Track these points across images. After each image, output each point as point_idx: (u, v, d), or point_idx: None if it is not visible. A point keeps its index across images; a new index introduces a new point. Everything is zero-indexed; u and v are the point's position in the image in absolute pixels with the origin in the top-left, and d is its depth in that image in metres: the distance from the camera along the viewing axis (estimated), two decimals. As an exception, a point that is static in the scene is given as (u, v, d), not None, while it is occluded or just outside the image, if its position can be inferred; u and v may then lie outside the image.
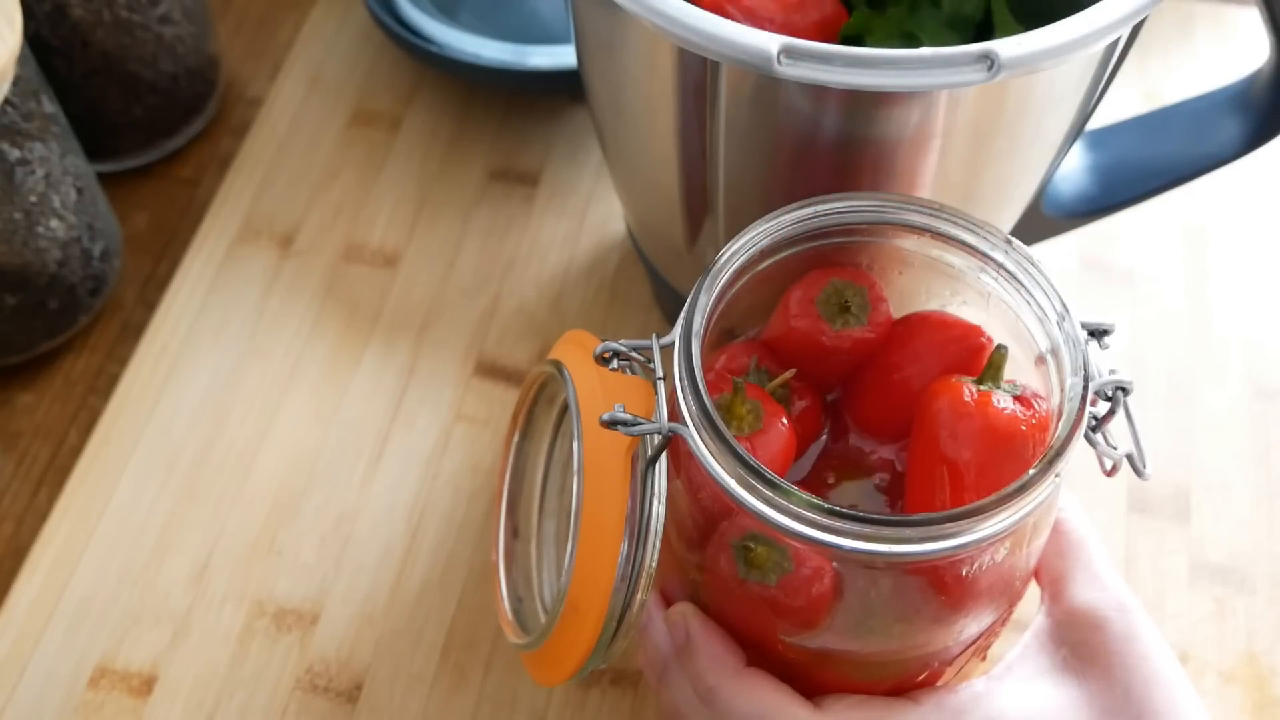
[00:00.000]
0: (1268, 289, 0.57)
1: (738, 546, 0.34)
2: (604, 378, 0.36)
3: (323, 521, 0.51)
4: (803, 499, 0.31)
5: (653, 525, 0.34)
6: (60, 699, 0.47)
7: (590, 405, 0.35)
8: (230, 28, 0.67)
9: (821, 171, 0.39)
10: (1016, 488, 0.31)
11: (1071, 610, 0.36)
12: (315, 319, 0.56)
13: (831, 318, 0.37)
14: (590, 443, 0.35)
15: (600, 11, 0.38)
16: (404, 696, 0.47)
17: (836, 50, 0.33)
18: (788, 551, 0.33)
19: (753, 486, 0.31)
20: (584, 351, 0.38)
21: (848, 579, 0.34)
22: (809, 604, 0.34)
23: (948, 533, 0.31)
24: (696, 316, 0.34)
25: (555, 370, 0.38)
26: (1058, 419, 0.33)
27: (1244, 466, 0.52)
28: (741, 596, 0.34)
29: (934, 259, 0.37)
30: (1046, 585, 0.38)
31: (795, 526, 0.31)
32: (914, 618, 0.34)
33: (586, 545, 0.34)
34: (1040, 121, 0.39)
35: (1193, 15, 0.66)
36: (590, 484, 0.35)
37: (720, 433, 0.32)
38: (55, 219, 0.51)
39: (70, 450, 0.53)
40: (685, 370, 0.33)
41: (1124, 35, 0.35)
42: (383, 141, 0.62)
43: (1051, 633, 0.37)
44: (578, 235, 0.59)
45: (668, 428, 0.33)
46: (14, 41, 0.46)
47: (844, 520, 0.30)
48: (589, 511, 0.34)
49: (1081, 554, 0.37)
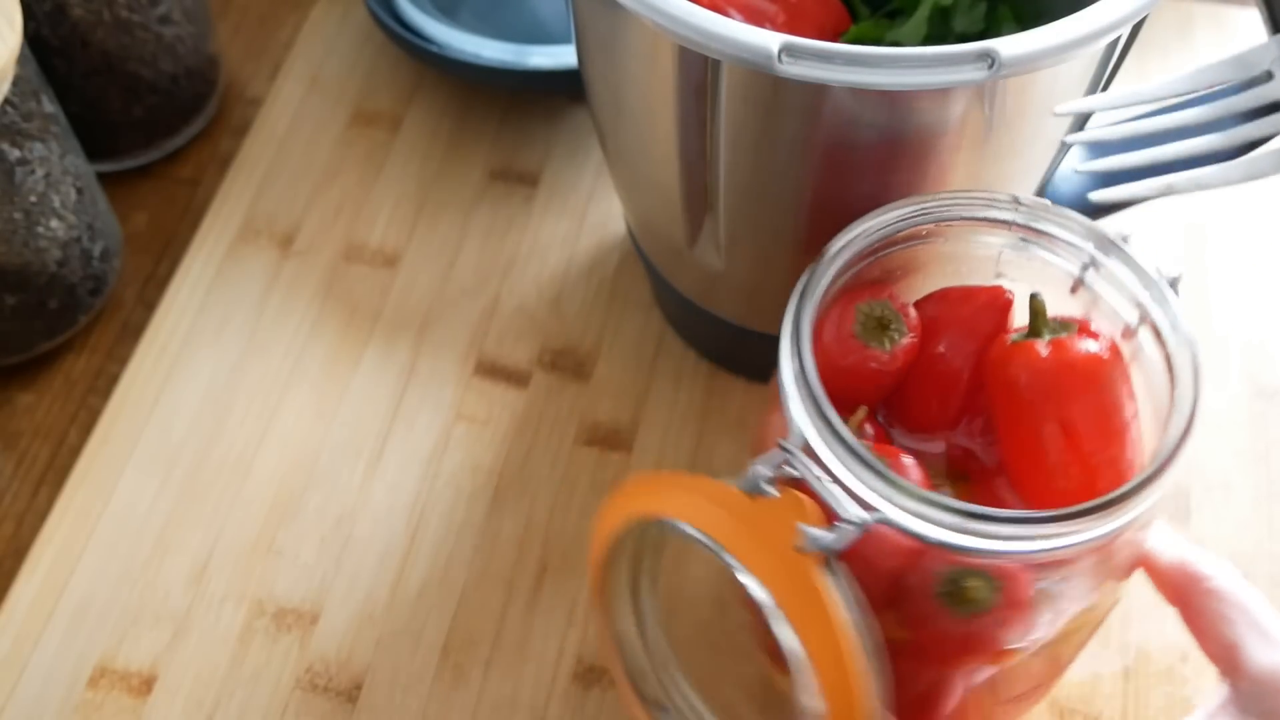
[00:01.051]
0: (1267, 289, 0.57)
1: (946, 590, 0.33)
2: (741, 511, 0.33)
3: (323, 521, 0.51)
4: (1010, 516, 0.30)
5: (873, 628, 0.32)
6: (60, 699, 0.47)
7: (740, 545, 0.32)
8: (230, 28, 0.67)
9: (822, 171, 0.39)
10: (1182, 431, 0.31)
11: (1255, 677, 0.35)
12: (315, 319, 0.56)
13: (878, 341, 0.36)
14: (771, 580, 0.32)
15: (600, 11, 0.38)
16: (404, 696, 0.47)
17: (837, 49, 0.33)
18: (991, 576, 0.33)
19: (970, 529, 0.31)
20: (662, 499, 0.34)
21: (1042, 583, 0.33)
22: (1022, 617, 0.33)
23: (1139, 499, 0.31)
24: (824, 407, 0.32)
25: (650, 530, 0.35)
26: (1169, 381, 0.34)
27: (1244, 466, 0.52)
28: (957, 636, 0.34)
29: (1025, 256, 0.37)
30: (1219, 657, 0.37)
31: (1009, 547, 0.31)
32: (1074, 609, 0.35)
33: (829, 679, 0.31)
34: (1040, 121, 0.39)
35: (1193, 15, 0.66)
36: (799, 621, 0.31)
37: (920, 493, 0.31)
38: (55, 219, 0.51)
39: (70, 450, 0.53)
40: (851, 454, 0.31)
41: (1124, 35, 0.35)
42: (383, 141, 0.62)
43: (1236, 702, 0.36)
44: (578, 235, 0.59)
45: (864, 518, 0.31)
46: (14, 41, 0.46)
47: (1048, 523, 0.30)
48: (814, 648, 0.31)
49: (1248, 617, 0.36)
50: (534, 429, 0.53)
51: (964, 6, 0.44)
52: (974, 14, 0.44)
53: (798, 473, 0.32)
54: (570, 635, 0.48)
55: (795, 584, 0.31)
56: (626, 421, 0.53)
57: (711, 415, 0.53)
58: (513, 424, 0.53)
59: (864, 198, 0.39)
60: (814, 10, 0.42)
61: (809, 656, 0.31)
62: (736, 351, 0.53)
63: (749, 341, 0.50)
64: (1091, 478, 0.35)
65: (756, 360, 0.53)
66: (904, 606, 0.34)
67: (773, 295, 0.47)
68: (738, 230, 0.43)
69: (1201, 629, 0.37)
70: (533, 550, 0.50)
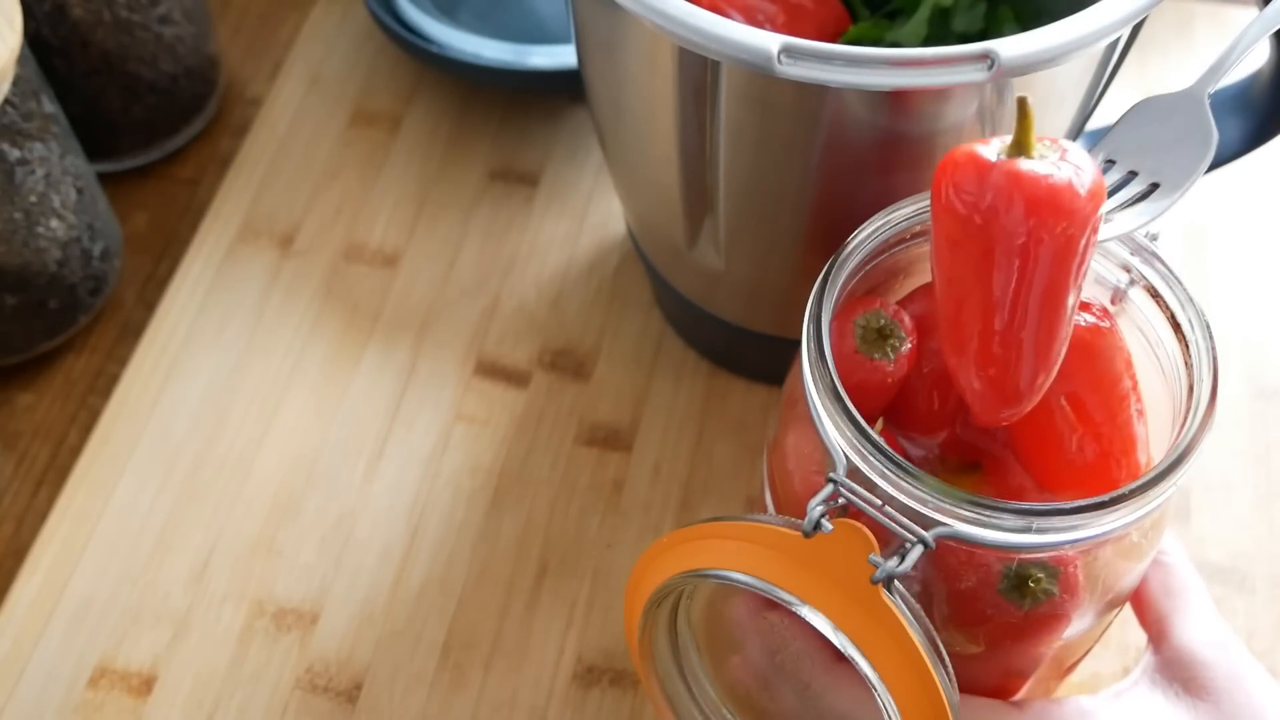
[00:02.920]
0: (1267, 289, 0.57)
1: (1010, 586, 0.33)
2: (800, 552, 0.32)
3: (323, 521, 0.51)
4: (1073, 506, 0.30)
5: (939, 642, 0.31)
6: (60, 699, 0.47)
7: (802, 586, 0.31)
8: (230, 28, 0.67)
9: (822, 171, 0.39)
10: (1204, 413, 0.32)
11: (1180, 648, 0.38)
12: (315, 319, 0.56)
13: (881, 352, 0.36)
14: (841, 616, 0.31)
15: (600, 11, 0.38)
16: (404, 696, 0.47)
17: (837, 50, 0.33)
18: (1050, 565, 0.33)
19: (1036, 526, 0.31)
20: (705, 553, 0.33)
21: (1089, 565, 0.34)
22: (1078, 602, 0.34)
23: (1191, 457, 0.32)
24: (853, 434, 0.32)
25: (692, 580, 0.34)
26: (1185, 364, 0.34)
27: (1244, 466, 0.52)
28: (1018, 628, 0.34)
29: None
30: (1152, 624, 0.39)
31: (1074, 536, 0.31)
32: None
33: (910, 702, 0.31)
34: (1040, 121, 0.39)
35: (1193, 15, 0.66)
36: (873, 650, 0.31)
37: (981, 501, 0.31)
38: (55, 219, 0.51)
39: (70, 450, 0.53)
40: (906, 474, 0.31)
41: (1124, 35, 0.35)
42: (383, 141, 0.62)
43: (1160, 669, 0.38)
44: (578, 235, 0.59)
45: (929, 536, 0.31)
46: (14, 41, 0.46)
47: (1111, 505, 0.30)
48: (891, 675, 0.31)
49: (1187, 595, 0.39)
50: (534, 429, 0.53)
51: (964, 6, 0.44)
52: (974, 13, 0.44)
53: (846, 501, 0.32)
54: (570, 635, 0.48)
55: (865, 615, 0.31)
56: (626, 421, 0.53)
57: (711, 415, 0.53)
58: (512, 424, 0.53)
59: (864, 198, 0.39)
60: (813, 11, 0.42)
61: (886, 683, 0.31)
62: (736, 351, 0.53)
63: (749, 341, 0.50)
64: (1105, 448, 0.35)
65: (756, 360, 0.53)
66: (962, 609, 0.34)
67: (773, 295, 0.47)
68: (738, 230, 0.43)
69: (1142, 595, 0.39)
70: (532, 550, 0.50)
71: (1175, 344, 0.35)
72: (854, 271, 0.35)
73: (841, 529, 0.31)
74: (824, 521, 0.31)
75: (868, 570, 0.31)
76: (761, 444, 0.52)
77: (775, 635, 0.36)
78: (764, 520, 0.33)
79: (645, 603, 0.36)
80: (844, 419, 0.32)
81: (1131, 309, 0.36)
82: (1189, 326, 0.34)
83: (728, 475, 0.52)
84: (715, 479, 0.51)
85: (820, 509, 0.31)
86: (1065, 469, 0.35)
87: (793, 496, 0.36)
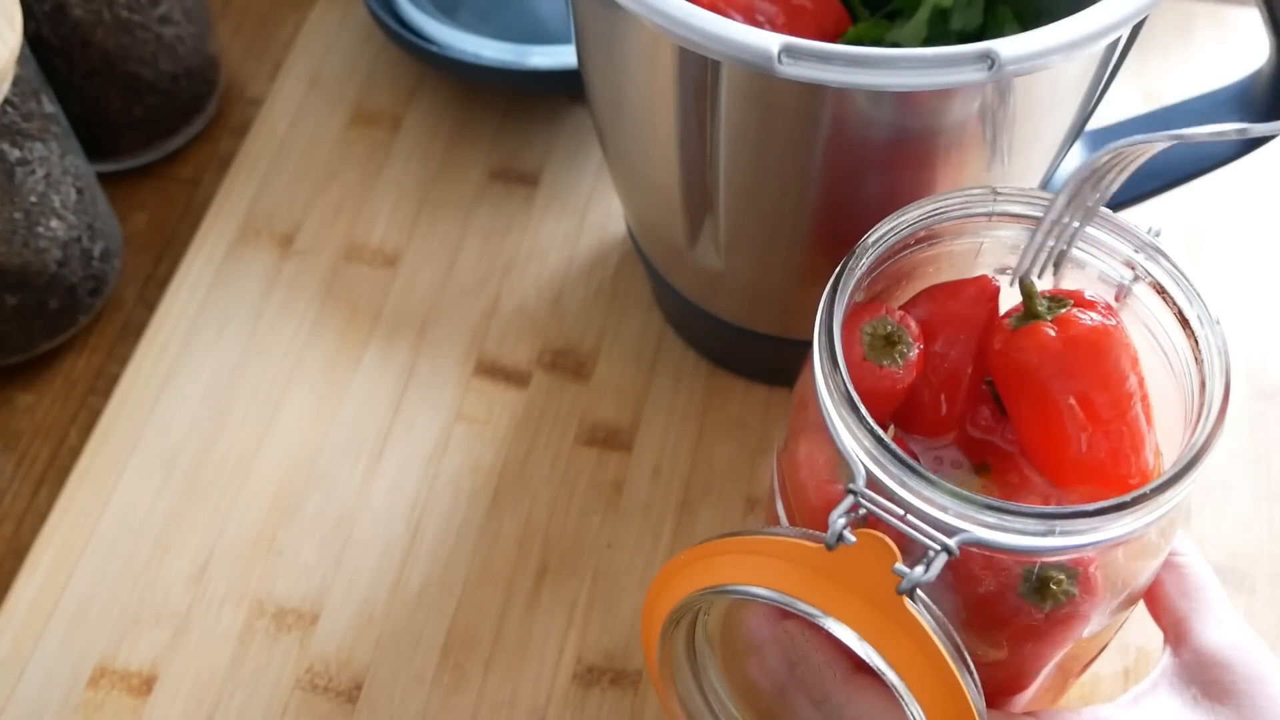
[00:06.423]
0: (1266, 290, 0.57)
1: (1030, 589, 0.33)
2: (823, 565, 0.32)
3: (323, 521, 0.51)
4: (1095, 509, 0.30)
5: (962, 646, 0.31)
6: (60, 699, 0.47)
7: (825, 598, 0.31)
8: (230, 28, 0.67)
9: (822, 171, 0.39)
10: (1220, 406, 0.32)
11: (1199, 650, 0.37)
12: (315, 319, 0.56)
13: (889, 359, 0.35)
14: (866, 626, 0.31)
15: (600, 11, 0.38)
16: (404, 696, 0.47)
17: (837, 50, 0.33)
18: (1070, 567, 0.33)
19: (1059, 529, 0.31)
20: (724, 569, 0.33)
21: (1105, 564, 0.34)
22: (1096, 602, 0.34)
23: (1210, 449, 0.32)
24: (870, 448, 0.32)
25: (712, 597, 0.34)
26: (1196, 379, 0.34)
27: (1244, 467, 0.52)
28: (1038, 630, 0.34)
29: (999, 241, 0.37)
30: (1170, 627, 0.38)
31: (1096, 537, 0.31)
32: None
33: (937, 708, 0.31)
34: (1040, 121, 0.39)
35: (1193, 15, 0.66)
36: (898, 659, 0.31)
37: (1003, 506, 0.31)
38: (55, 219, 0.51)
39: (70, 450, 0.53)
40: (926, 483, 0.31)
41: (1124, 35, 0.35)
42: (383, 141, 0.62)
43: (1179, 672, 0.37)
44: (578, 235, 0.59)
45: (953, 543, 0.31)
46: (14, 41, 0.46)
47: (1133, 506, 0.30)
48: (917, 683, 0.31)
49: (1204, 595, 0.38)
50: (534, 429, 0.53)
51: (961, 4, 0.44)
52: (971, 10, 0.44)
53: (866, 512, 0.32)
54: (570, 635, 0.48)
55: (890, 625, 0.31)
56: (626, 421, 0.53)
57: (711, 415, 0.53)
58: (513, 424, 0.53)
59: (864, 198, 0.40)
60: (813, 11, 0.42)
61: (914, 693, 0.31)
62: (736, 351, 0.53)
63: (749, 341, 0.50)
64: (1115, 445, 0.35)
65: (756, 360, 0.53)
66: (981, 614, 0.34)
67: (773, 295, 0.47)
68: (738, 230, 0.43)
69: (1158, 597, 0.38)
70: (532, 550, 0.50)
71: (1184, 340, 0.35)
72: (861, 278, 0.35)
73: (865, 540, 0.31)
74: (846, 533, 0.31)
75: (892, 581, 0.30)
76: (762, 444, 0.52)
77: (793, 646, 0.36)
78: (781, 533, 0.33)
79: (664, 622, 0.35)
80: (861, 429, 0.32)
81: (1137, 305, 0.36)
82: (1198, 322, 0.34)
83: (728, 475, 0.52)
84: (715, 479, 0.51)
85: (842, 521, 0.31)
86: (1076, 466, 0.35)
87: (808, 507, 0.36)
